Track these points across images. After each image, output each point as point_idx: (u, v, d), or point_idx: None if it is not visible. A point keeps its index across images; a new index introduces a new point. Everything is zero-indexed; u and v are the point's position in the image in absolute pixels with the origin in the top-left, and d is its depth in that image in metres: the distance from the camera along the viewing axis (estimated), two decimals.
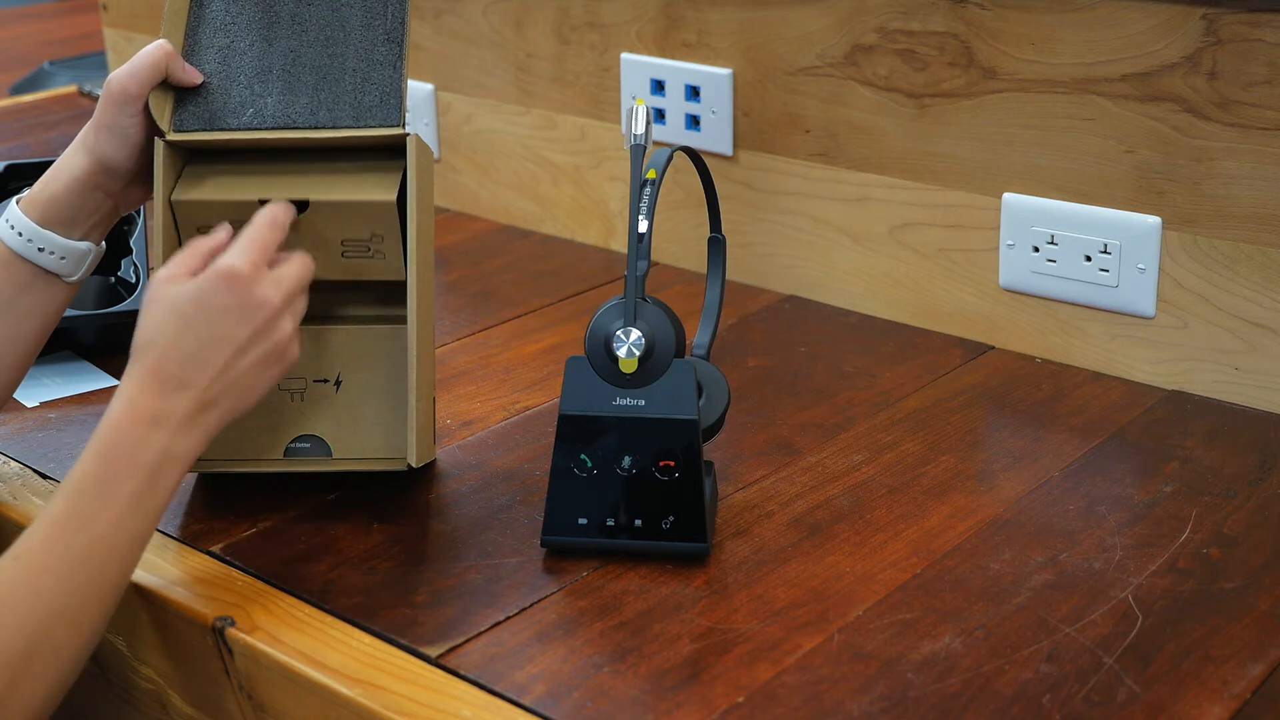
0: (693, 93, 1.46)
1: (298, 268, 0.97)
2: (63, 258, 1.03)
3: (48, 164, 1.37)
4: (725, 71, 1.43)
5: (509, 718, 0.85)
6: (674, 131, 1.49)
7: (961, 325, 1.35)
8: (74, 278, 1.05)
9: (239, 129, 1.04)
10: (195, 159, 1.07)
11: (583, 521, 0.99)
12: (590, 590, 0.96)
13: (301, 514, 1.06)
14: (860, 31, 1.33)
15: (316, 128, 1.03)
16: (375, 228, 1.03)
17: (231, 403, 0.93)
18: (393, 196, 1.02)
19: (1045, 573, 0.97)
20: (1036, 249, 1.27)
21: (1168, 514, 1.04)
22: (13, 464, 1.15)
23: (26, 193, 1.05)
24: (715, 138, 1.46)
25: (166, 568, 1.01)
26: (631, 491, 0.98)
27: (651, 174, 0.98)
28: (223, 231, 0.98)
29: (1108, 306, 1.25)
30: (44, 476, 1.13)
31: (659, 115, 1.50)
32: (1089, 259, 1.25)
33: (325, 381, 1.10)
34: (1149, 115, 1.19)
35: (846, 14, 1.33)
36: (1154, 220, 1.21)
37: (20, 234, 1.02)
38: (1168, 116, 1.18)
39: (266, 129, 1.03)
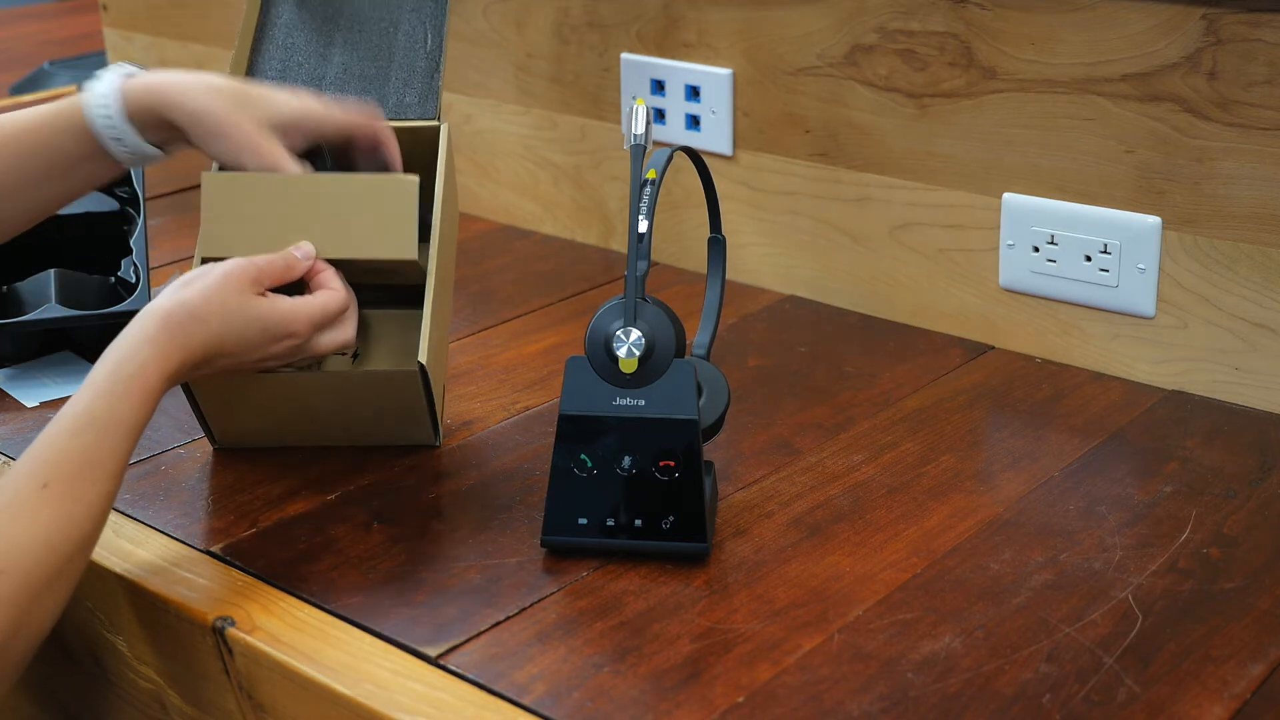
0: (693, 93, 1.46)
1: (342, 339, 1.06)
2: (132, 154, 1.09)
3: None
4: (725, 71, 1.43)
5: (509, 718, 0.85)
6: (674, 131, 1.49)
7: (961, 325, 1.35)
8: (134, 167, 1.11)
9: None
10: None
11: (583, 521, 0.99)
12: (590, 590, 0.96)
13: (301, 514, 1.06)
14: (860, 31, 1.33)
15: None
16: (398, 270, 1.11)
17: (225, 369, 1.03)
18: (414, 254, 1.09)
19: (1045, 573, 0.97)
20: (1036, 249, 1.27)
21: (1168, 514, 1.04)
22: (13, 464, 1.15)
23: (138, 74, 1.09)
24: (715, 138, 1.46)
25: (166, 568, 1.01)
26: (631, 491, 0.98)
27: (651, 174, 0.98)
28: (301, 255, 1.06)
29: (1108, 306, 1.25)
30: None
31: (659, 115, 1.50)
32: (1089, 259, 1.25)
33: (343, 354, 1.15)
34: (1149, 115, 1.19)
35: (846, 14, 1.33)
36: (1154, 220, 1.21)
37: (110, 118, 1.07)
38: (1168, 116, 1.18)
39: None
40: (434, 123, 1.18)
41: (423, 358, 1.06)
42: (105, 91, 1.07)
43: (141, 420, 0.94)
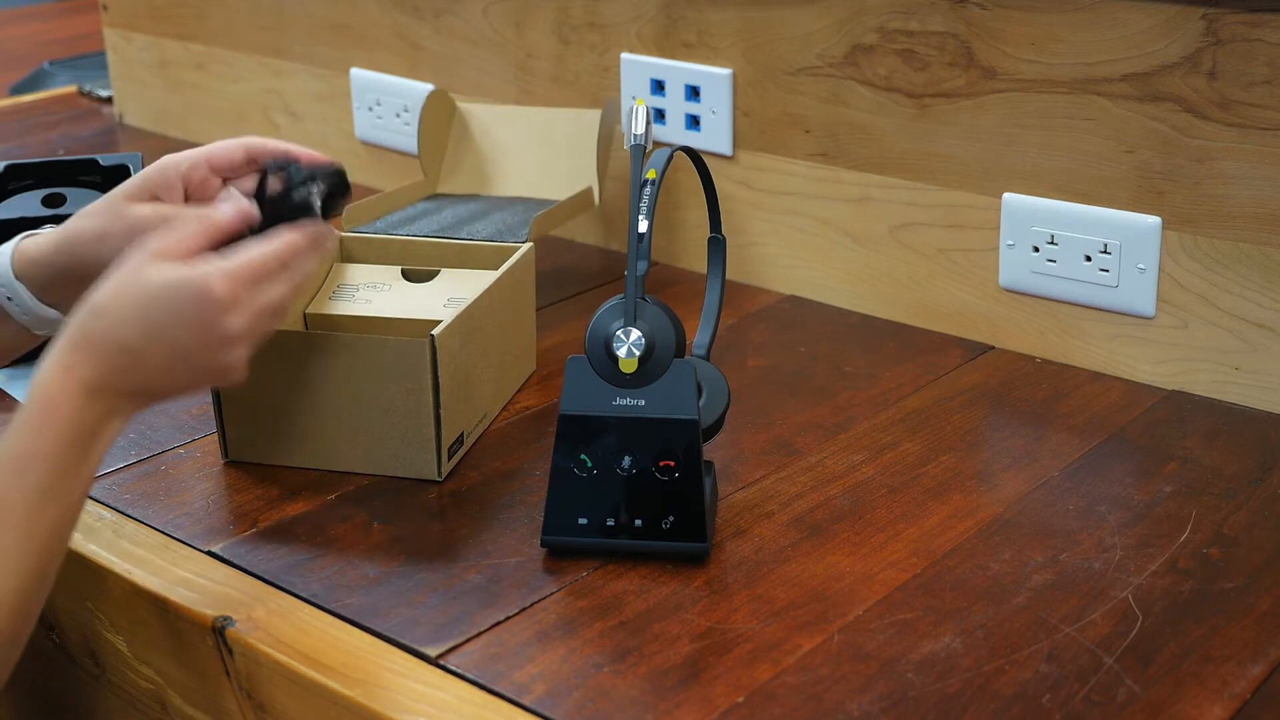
0: (693, 93, 1.46)
1: (277, 301, 0.91)
2: (27, 314, 1.03)
3: (48, 164, 1.37)
4: (725, 71, 1.43)
5: (509, 718, 0.85)
6: (674, 131, 1.49)
7: (961, 325, 1.35)
8: (40, 333, 1.04)
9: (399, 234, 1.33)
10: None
11: (583, 521, 0.99)
12: (590, 590, 0.96)
13: (301, 514, 1.06)
14: (860, 31, 1.33)
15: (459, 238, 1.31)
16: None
17: (155, 397, 0.91)
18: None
19: (1045, 573, 0.97)
20: (1036, 249, 1.27)
21: (1168, 514, 1.04)
22: None
23: (39, 232, 1.04)
24: (715, 138, 1.46)
25: (166, 568, 1.01)
26: (631, 491, 0.98)
27: (651, 174, 0.98)
28: (230, 207, 0.92)
29: (1108, 306, 1.25)
30: None
31: (659, 115, 1.50)
32: (1089, 259, 1.25)
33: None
34: (1149, 115, 1.19)
35: (846, 14, 1.33)
36: (1154, 220, 1.21)
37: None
38: (1168, 116, 1.18)
39: (424, 235, 1.33)
40: (529, 243, 1.26)
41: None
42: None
43: (66, 443, 0.85)
